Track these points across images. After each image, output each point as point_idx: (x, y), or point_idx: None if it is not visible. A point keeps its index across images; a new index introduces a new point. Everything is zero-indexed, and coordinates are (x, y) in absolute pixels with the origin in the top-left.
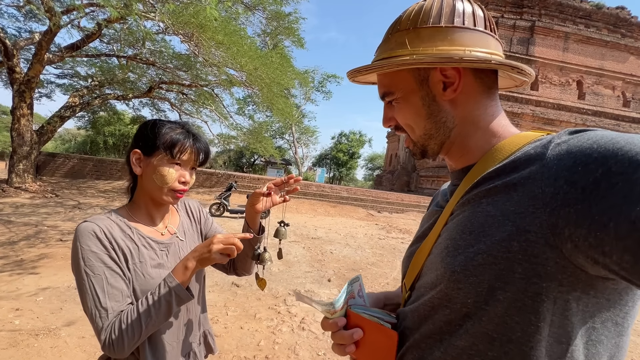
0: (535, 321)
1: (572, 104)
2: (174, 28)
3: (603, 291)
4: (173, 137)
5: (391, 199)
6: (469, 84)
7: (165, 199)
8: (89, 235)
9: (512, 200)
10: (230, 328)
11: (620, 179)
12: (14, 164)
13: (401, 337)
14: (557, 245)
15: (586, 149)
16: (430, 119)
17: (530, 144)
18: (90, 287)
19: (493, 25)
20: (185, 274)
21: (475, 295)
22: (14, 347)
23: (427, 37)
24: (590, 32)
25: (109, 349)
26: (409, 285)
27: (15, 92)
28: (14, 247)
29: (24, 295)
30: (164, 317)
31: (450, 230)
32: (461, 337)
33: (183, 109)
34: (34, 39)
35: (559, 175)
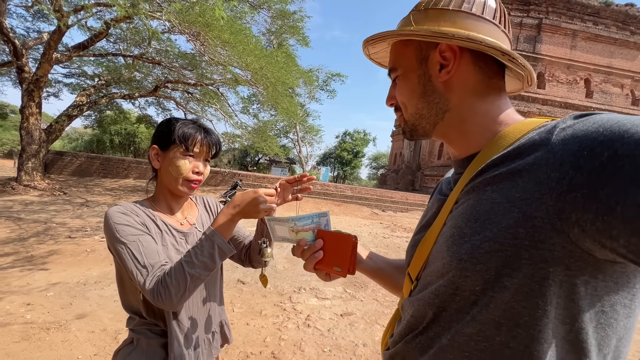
0: (543, 305)
1: (580, 103)
2: (181, 27)
3: (611, 274)
4: (186, 131)
5: (396, 197)
6: (467, 69)
7: (181, 189)
8: (118, 214)
9: (517, 186)
10: (236, 324)
11: (627, 161)
12: (23, 162)
13: (409, 326)
14: (564, 230)
15: (592, 132)
16: (423, 98)
17: (535, 130)
18: (129, 253)
19: (504, 19)
20: (230, 227)
21: (483, 283)
22: (26, 341)
23: (433, 17)
24: (599, 30)
25: (157, 299)
26: (415, 275)
27: (24, 92)
28: (24, 243)
29: (35, 290)
30: (206, 270)
31: (456, 219)
32: (468, 324)
33: (188, 107)
34: (42, 38)
35: (565, 160)
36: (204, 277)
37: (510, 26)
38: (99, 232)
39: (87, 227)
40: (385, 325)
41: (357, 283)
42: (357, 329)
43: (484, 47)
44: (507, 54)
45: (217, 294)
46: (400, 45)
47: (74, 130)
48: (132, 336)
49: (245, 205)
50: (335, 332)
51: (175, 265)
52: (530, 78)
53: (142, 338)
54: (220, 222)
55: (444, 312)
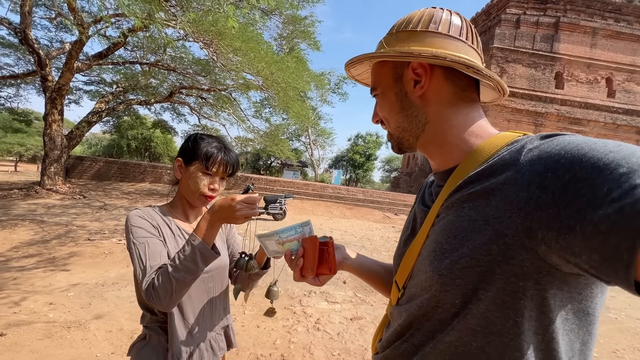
0: (514, 316)
1: (601, 102)
2: (194, 36)
3: (576, 286)
4: (208, 151)
5: (409, 201)
6: (439, 83)
7: (197, 202)
8: (136, 217)
9: (490, 205)
10: (247, 326)
11: (584, 184)
12: (46, 167)
13: (396, 334)
14: (532, 247)
15: (555, 154)
16: (402, 112)
17: (507, 147)
18: (136, 253)
19: (471, 34)
20: (210, 232)
21: (462, 296)
22: (49, 339)
23: (403, 39)
24: (621, 27)
25: (149, 299)
26: (401, 283)
27: (47, 99)
28: (47, 245)
29: (57, 290)
30: (190, 274)
31: (437, 234)
32: (449, 333)
33: (202, 112)
34: (64, 48)
35: (531, 181)
36: (189, 280)
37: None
38: (116, 235)
39: (105, 229)
40: None
41: (367, 287)
42: (366, 333)
43: (448, 62)
44: (471, 67)
45: (222, 299)
46: (378, 67)
47: (93, 135)
48: (145, 332)
49: (222, 211)
50: (344, 336)
51: (162, 269)
52: (500, 87)
53: (153, 334)
54: (201, 228)
55: (428, 322)
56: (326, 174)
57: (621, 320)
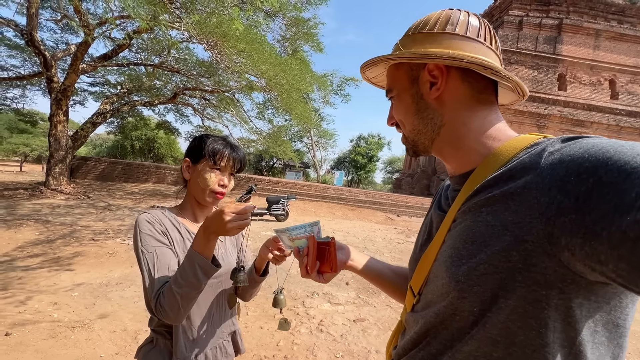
0: (537, 326)
1: (604, 104)
2: (199, 37)
3: (604, 295)
4: (215, 147)
5: (411, 202)
6: (456, 85)
7: (207, 200)
8: (145, 222)
9: (509, 209)
10: (250, 327)
11: (611, 188)
12: (51, 167)
13: (412, 341)
14: (554, 254)
15: (578, 158)
16: (418, 115)
17: (526, 151)
18: (145, 262)
19: (489, 35)
20: (207, 246)
21: (481, 304)
22: (54, 338)
23: (419, 41)
24: (624, 29)
25: (157, 313)
26: (417, 289)
27: (52, 100)
28: (51, 245)
29: (61, 290)
30: (194, 288)
31: (454, 239)
32: (467, 343)
33: (205, 113)
34: (70, 50)
35: (553, 185)
36: (193, 294)
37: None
38: (120, 235)
39: (110, 230)
40: None
41: (370, 289)
42: (369, 335)
43: (465, 64)
44: (489, 68)
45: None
46: (393, 69)
47: (97, 136)
48: (153, 336)
49: (213, 223)
50: (347, 338)
51: (167, 286)
52: (519, 89)
53: (160, 338)
54: (198, 242)
55: (445, 330)
56: (328, 175)
57: None
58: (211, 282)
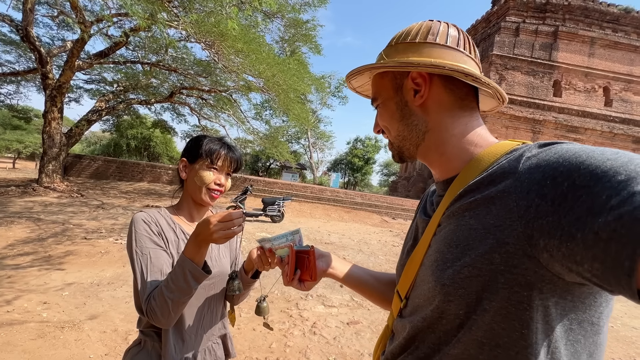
0: (519, 327)
1: (599, 111)
2: (197, 36)
3: (579, 295)
4: (212, 147)
5: (406, 205)
6: (438, 92)
7: (204, 198)
8: (141, 222)
9: (491, 213)
10: (243, 329)
11: (584, 192)
12: (44, 165)
13: (400, 346)
14: (534, 255)
15: (553, 162)
16: (403, 121)
17: (505, 156)
18: (138, 264)
19: (468, 44)
20: (198, 252)
21: (466, 306)
22: (42, 338)
23: (402, 50)
24: (618, 37)
25: (147, 316)
26: (404, 294)
27: (47, 97)
28: (42, 243)
29: (51, 289)
30: (185, 293)
31: (439, 243)
32: (454, 346)
33: (202, 113)
34: (66, 47)
35: (531, 189)
36: (184, 299)
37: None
38: (113, 234)
39: (102, 229)
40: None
41: None
42: (363, 338)
43: (447, 71)
44: (470, 75)
45: (220, 307)
46: (378, 78)
47: (92, 134)
48: (141, 337)
49: (202, 232)
50: (341, 341)
51: (158, 290)
52: (499, 95)
53: (148, 340)
54: (189, 248)
55: (433, 334)
56: (325, 177)
57: (617, 329)
58: (204, 284)
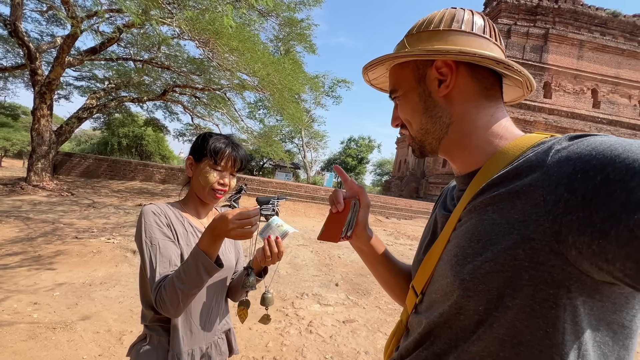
0: (544, 326)
1: (587, 113)
2: (191, 34)
3: (609, 295)
4: (217, 146)
5: (400, 204)
6: (464, 82)
7: (207, 197)
8: (151, 213)
9: (516, 208)
10: (239, 329)
11: (618, 186)
12: (33, 163)
13: (415, 342)
14: (561, 252)
15: (585, 155)
16: (426, 113)
17: (533, 149)
18: (148, 254)
19: (494, 32)
20: (213, 245)
21: (486, 302)
22: (33, 340)
23: (425, 39)
24: (606, 40)
25: (157, 306)
26: (420, 289)
27: (36, 94)
28: (32, 243)
29: (42, 290)
30: (195, 285)
31: (459, 238)
32: (474, 343)
33: (195, 111)
34: (56, 42)
35: (560, 183)
36: (194, 291)
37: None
38: (105, 234)
39: (94, 228)
40: (389, 335)
41: (359, 290)
42: (359, 336)
43: (477, 59)
44: (501, 62)
45: (224, 302)
46: (398, 68)
47: (83, 132)
48: (146, 332)
49: (219, 226)
50: (337, 339)
51: (169, 280)
52: (529, 83)
53: (154, 335)
54: (203, 241)
55: (450, 330)
56: (318, 177)
57: None
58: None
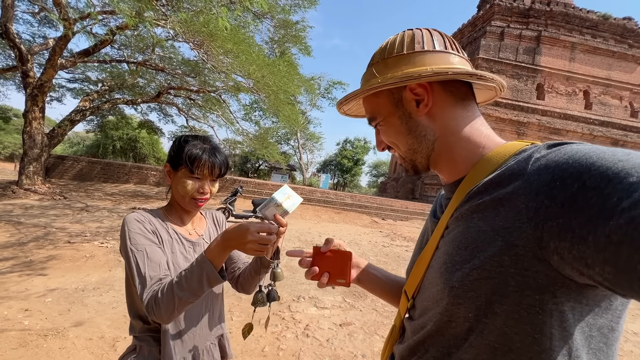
0: (532, 332)
1: (579, 114)
2: (185, 36)
3: (594, 298)
4: (192, 153)
5: (396, 206)
6: (440, 97)
7: (188, 206)
8: (134, 221)
9: (500, 215)
10: (235, 333)
11: (594, 193)
12: (25, 166)
13: (410, 349)
14: (544, 257)
15: (562, 163)
16: (411, 134)
17: (514, 157)
18: (135, 260)
19: (454, 45)
20: (220, 255)
21: (476, 309)
22: (24, 347)
23: (393, 65)
24: (597, 43)
25: (149, 312)
26: (411, 293)
27: (28, 96)
28: (23, 248)
29: (33, 296)
30: (195, 294)
31: (447, 245)
32: (466, 351)
33: (190, 113)
34: (48, 44)
35: (540, 191)
36: (192, 300)
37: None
38: (98, 238)
39: (87, 232)
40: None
41: (356, 293)
42: (356, 339)
43: (451, 76)
44: (474, 74)
45: (218, 306)
46: (372, 97)
47: (75, 134)
48: (135, 343)
49: (235, 238)
50: (334, 342)
51: (167, 285)
52: (501, 86)
53: (144, 345)
54: (213, 250)
55: (442, 337)
56: (314, 178)
57: None
58: None
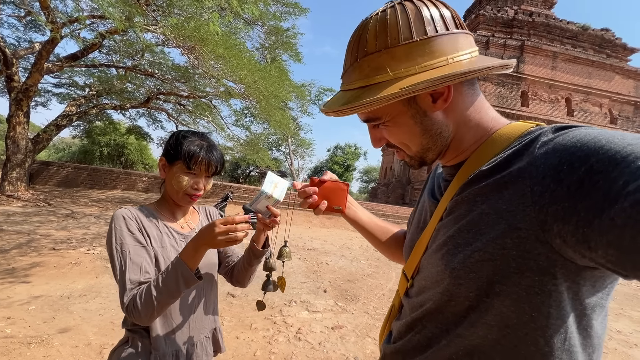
0: (530, 311)
1: (562, 120)
2: (175, 41)
3: (590, 278)
4: (190, 150)
5: (386, 211)
6: (456, 87)
7: (182, 201)
8: (121, 218)
9: (503, 198)
10: (226, 338)
11: (601, 177)
12: (7, 172)
13: (407, 325)
14: (547, 240)
15: (570, 147)
16: (426, 134)
17: (519, 140)
18: (118, 260)
19: (461, 19)
20: (194, 257)
21: (477, 289)
22: (6, 356)
23: (404, 56)
24: (577, 52)
25: (129, 314)
26: (410, 274)
27: (12, 100)
28: (5, 255)
29: (16, 303)
30: (172, 296)
31: (448, 227)
32: (465, 328)
33: (180, 119)
34: (34, 48)
35: (546, 174)
36: (170, 301)
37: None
38: (84, 244)
39: (73, 238)
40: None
41: (348, 296)
42: (348, 342)
43: (485, 72)
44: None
45: (212, 299)
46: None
47: (61, 140)
48: (128, 335)
49: (204, 235)
50: (326, 346)
51: (146, 289)
52: None
53: (136, 337)
54: (186, 252)
55: (440, 314)
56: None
57: None
58: None
